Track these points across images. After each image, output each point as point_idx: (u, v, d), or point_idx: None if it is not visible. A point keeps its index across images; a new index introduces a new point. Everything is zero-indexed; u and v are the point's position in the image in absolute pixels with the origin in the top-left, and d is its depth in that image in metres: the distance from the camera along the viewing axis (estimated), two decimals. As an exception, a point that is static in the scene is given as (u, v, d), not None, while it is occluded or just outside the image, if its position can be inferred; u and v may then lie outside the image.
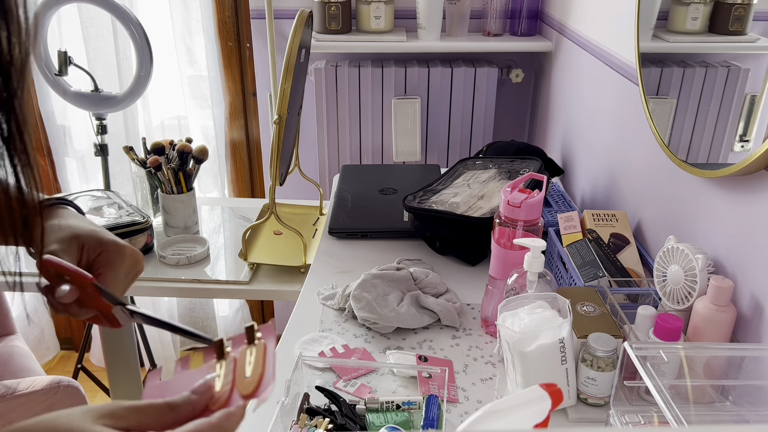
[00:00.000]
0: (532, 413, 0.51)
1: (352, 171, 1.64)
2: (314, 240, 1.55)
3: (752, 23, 0.92)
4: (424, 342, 1.03)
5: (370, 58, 2.01)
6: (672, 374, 0.83)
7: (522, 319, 0.86)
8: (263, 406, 0.87)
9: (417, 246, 1.33)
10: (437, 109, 1.97)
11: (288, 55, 1.26)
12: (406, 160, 2.00)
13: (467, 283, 1.20)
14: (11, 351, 1.70)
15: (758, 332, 0.85)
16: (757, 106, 0.89)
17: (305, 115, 2.06)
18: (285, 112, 1.27)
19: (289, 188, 2.10)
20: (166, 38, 2.04)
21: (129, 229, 1.49)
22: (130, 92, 1.76)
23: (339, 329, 1.06)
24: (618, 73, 1.32)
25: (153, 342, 2.27)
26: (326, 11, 1.87)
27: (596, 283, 1.02)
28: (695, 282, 0.88)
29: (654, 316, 0.88)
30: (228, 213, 1.79)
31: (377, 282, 1.09)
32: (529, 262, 0.91)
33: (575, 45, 1.62)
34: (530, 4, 1.92)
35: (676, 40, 1.10)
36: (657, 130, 1.11)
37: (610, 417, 0.81)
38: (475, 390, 0.93)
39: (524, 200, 0.97)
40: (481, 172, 1.40)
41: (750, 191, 0.88)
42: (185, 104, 2.15)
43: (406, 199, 1.34)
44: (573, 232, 1.15)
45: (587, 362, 0.85)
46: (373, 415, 0.83)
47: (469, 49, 1.99)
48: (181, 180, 1.58)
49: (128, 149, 1.63)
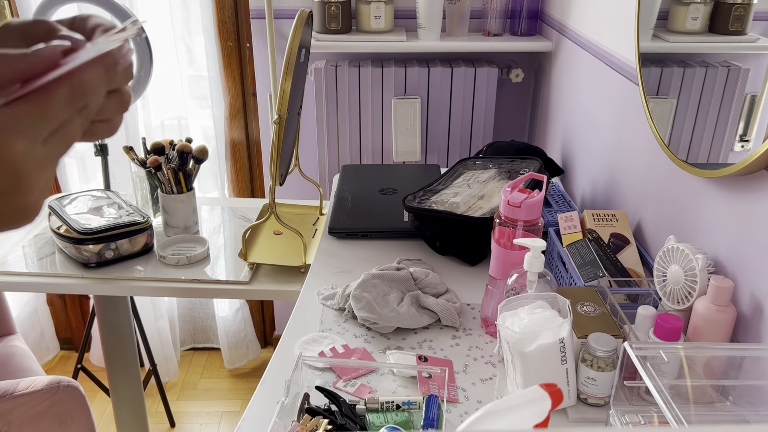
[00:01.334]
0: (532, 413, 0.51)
1: (352, 171, 1.64)
2: (314, 240, 1.55)
3: (752, 23, 0.92)
4: (424, 342, 1.03)
5: (370, 58, 2.01)
6: (672, 374, 0.83)
7: (522, 319, 0.86)
8: (262, 407, 0.87)
9: (417, 246, 1.33)
10: (437, 109, 1.97)
11: (288, 55, 1.26)
12: (406, 160, 2.00)
13: (467, 283, 1.20)
14: (11, 351, 1.70)
15: (758, 332, 0.85)
16: (757, 106, 0.89)
17: (305, 115, 2.06)
18: (285, 112, 1.27)
19: (289, 188, 2.10)
20: (166, 38, 2.04)
21: (129, 229, 1.49)
22: (130, 92, 1.76)
23: (339, 329, 1.06)
24: (618, 73, 1.32)
25: (153, 342, 2.27)
26: (326, 11, 1.87)
27: (596, 283, 1.02)
28: (695, 282, 0.88)
29: (654, 316, 0.88)
30: (228, 213, 1.79)
31: (377, 282, 1.09)
32: (529, 262, 0.91)
33: (575, 45, 1.62)
34: (530, 4, 1.92)
35: (676, 40, 1.09)
36: (657, 130, 1.11)
37: (610, 417, 0.81)
38: (475, 390, 0.93)
39: (524, 200, 0.97)
40: (481, 172, 1.40)
41: (750, 191, 0.88)
42: (185, 104, 2.15)
43: (406, 199, 1.33)
44: (573, 232, 1.15)
45: (587, 362, 0.85)
46: (373, 415, 0.83)
47: (469, 49, 1.99)
48: (181, 180, 1.58)
49: (128, 149, 1.63)
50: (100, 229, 1.46)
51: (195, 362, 2.52)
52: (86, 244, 1.46)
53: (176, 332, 2.44)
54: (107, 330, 1.74)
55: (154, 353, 2.18)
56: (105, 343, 1.76)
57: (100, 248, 1.47)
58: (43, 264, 1.51)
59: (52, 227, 1.52)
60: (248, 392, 2.35)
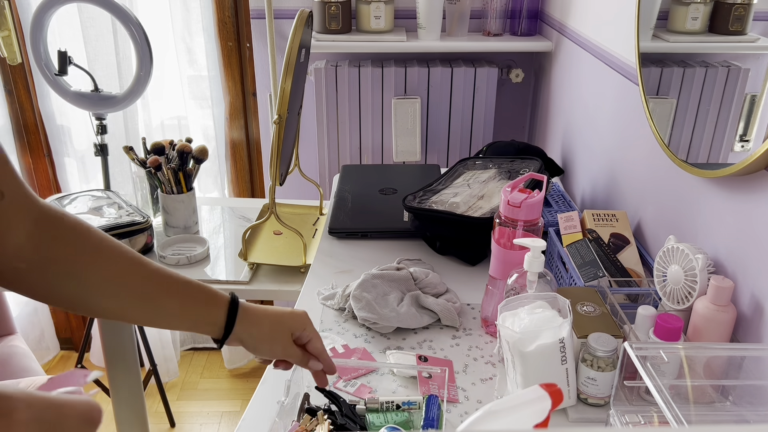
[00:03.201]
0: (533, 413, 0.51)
1: (352, 171, 1.64)
2: (314, 240, 1.55)
3: (752, 23, 0.92)
4: (424, 342, 1.03)
5: (370, 58, 2.01)
6: (672, 374, 0.83)
7: (522, 319, 0.86)
8: (262, 407, 0.87)
9: (417, 246, 1.33)
10: (437, 109, 1.97)
11: (288, 55, 1.26)
12: (406, 160, 2.00)
13: (467, 283, 1.20)
14: (11, 351, 1.70)
15: (758, 332, 0.85)
16: (757, 106, 0.89)
17: (305, 115, 2.06)
18: (285, 112, 1.27)
19: (289, 188, 2.11)
20: (166, 38, 2.04)
21: (129, 229, 1.49)
22: (130, 92, 1.76)
23: (339, 329, 1.06)
24: (618, 73, 1.32)
25: (153, 342, 2.27)
26: (326, 11, 1.87)
27: (596, 283, 1.02)
28: (695, 282, 0.88)
29: (654, 316, 0.88)
30: (228, 213, 1.79)
31: (377, 282, 1.09)
32: (529, 262, 0.91)
33: (575, 45, 1.62)
34: (530, 4, 1.92)
35: (676, 40, 1.09)
36: (657, 130, 1.11)
37: (610, 417, 0.81)
38: (475, 390, 0.93)
39: (524, 200, 0.97)
40: (481, 172, 1.40)
41: (750, 191, 0.88)
42: (185, 104, 2.15)
43: (406, 199, 1.34)
44: (573, 232, 1.15)
45: (587, 362, 0.85)
46: (373, 415, 0.83)
47: (469, 49, 1.99)
48: (181, 180, 1.58)
49: (128, 149, 1.63)
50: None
51: (195, 362, 2.52)
52: (86, 244, 1.46)
53: (176, 332, 2.44)
54: (107, 330, 1.74)
55: (154, 353, 2.18)
56: (105, 343, 1.76)
57: (100, 248, 1.47)
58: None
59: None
60: (248, 392, 2.35)
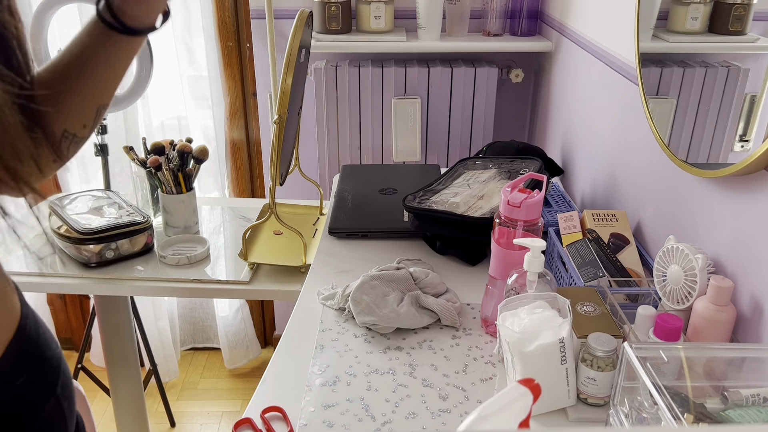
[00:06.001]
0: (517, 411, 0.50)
1: (352, 171, 1.64)
2: (314, 240, 1.55)
3: (752, 23, 0.92)
4: (424, 342, 1.03)
5: (370, 58, 2.01)
6: (672, 374, 0.83)
7: (522, 319, 0.86)
8: (262, 407, 0.87)
9: (417, 246, 1.33)
10: (437, 109, 1.97)
11: (288, 55, 1.26)
12: (406, 160, 2.00)
13: (467, 283, 1.20)
14: (11, 351, 1.70)
15: (758, 332, 0.85)
16: (757, 106, 0.89)
17: (305, 115, 2.06)
18: (285, 112, 1.27)
19: (289, 188, 2.11)
20: (166, 38, 2.04)
21: (129, 229, 1.49)
22: (130, 92, 1.76)
23: (339, 329, 1.06)
24: (618, 73, 1.32)
25: (153, 342, 2.27)
26: (326, 11, 1.87)
27: (596, 283, 1.02)
28: (695, 282, 0.88)
29: (654, 316, 0.88)
30: (228, 213, 1.79)
31: (376, 283, 1.09)
32: (529, 262, 0.91)
33: (575, 45, 1.62)
34: (530, 4, 1.92)
35: (676, 40, 1.10)
36: (657, 130, 1.11)
37: (610, 417, 0.81)
38: (475, 390, 0.93)
39: (524, 200, 0.97)
40: (481, 172, 1.40)
41: (750, 191, 0.88)
42: (185, 104, 2.15)
43: (406, 199, 1.34)
44: (573, 232, 1.15)
45: (587, 362, 0.85)
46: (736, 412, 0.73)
47: (469, 49, 1.99)
48: (181, 180, 1.58)
49: (128, 149, 1.63)
50: (100, 229, 1.46)
51: (195, 362, 2.52)
52: (86, 244, 1.46)
53: (176, 332, 2.44)
54: (107, 330, 1.74)
55: (154, 353, 2.18)
56: (105, 343, 1.76)
57: (100, 248, 1.47)
58: (43, 264, 1.51)
59: (53, 227, 1.52)
60: (248, 392, 2.35)
